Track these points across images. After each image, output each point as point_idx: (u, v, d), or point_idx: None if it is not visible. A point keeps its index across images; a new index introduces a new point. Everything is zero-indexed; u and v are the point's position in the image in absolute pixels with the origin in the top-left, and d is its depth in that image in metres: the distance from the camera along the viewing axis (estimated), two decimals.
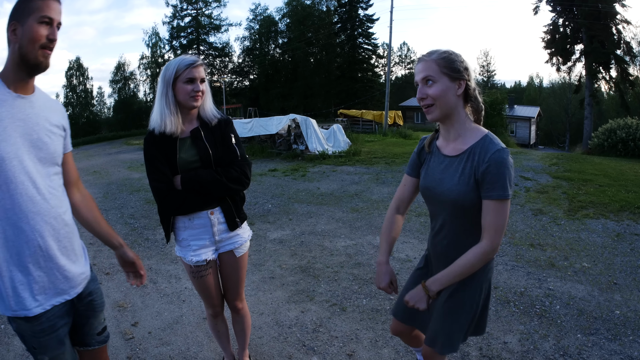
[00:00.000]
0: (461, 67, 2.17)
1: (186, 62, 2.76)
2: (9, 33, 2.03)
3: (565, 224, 7.69)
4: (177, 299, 5.17)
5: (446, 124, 2.28)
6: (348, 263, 6.06)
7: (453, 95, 2.17)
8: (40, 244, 2.06)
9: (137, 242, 7.52)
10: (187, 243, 2.95)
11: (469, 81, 2.20)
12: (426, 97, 2.18)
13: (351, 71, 60.11)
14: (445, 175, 2.24)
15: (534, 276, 5.45)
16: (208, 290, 3.13)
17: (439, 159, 2.33)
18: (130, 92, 65.85)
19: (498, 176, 2.03)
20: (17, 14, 2.02)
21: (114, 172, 17.76)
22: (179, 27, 60.24)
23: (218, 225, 2.94)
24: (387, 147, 21.63)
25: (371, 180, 12.43)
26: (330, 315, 4.61)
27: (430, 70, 2.15)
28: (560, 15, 39.47)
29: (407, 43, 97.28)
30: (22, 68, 2.05)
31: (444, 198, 2.23)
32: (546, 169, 13.57)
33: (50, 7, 2.04)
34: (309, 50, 60.55)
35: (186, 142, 2.84)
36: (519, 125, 49.37)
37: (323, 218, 8.52)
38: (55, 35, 2.07)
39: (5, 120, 1.98)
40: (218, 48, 62.48)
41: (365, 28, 60.62)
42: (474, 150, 2.15)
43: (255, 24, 63.48)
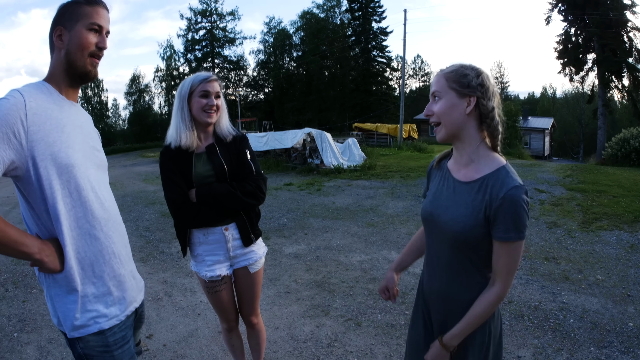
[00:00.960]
0: (473, 82, 1.91)
1: (200, 77, 2.83)
2: (55, 38, 1.97)
3: (580, 236, 7.67)
4: (192, 312, 5.18)
5: (457, 145, 2.05)
6: (363, 278, 6.05)
7: (460, 114, 1.93)
8: (114, 250, 2.04)
9: (153, 254, 7.53)
10: (202, 258, 2.97)
11: (482, 99, 1.92)
12: (432, 114, 1.99)
13: (365, 84, 60.03)
14: (453, 203, 1.99)
15: (548, 290, 5.43)
16: (223, 305, 3.13)
17: (449, 182, 2.08)
18: (145, 105, 66.23)
19: (513, 216, 1.79)
20: (63, 19, 1.96)
21: (129, 184, 17.87)
22: (194, 40, 60.51)
23: (232, 241, 2.95)
24: (402, 160, 21.63)
25: (386, 195, 12.42)
26: (345, 330, 4.60)
27: (438, 85, 1.96)
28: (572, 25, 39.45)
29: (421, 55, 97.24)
30: (70, 75, 2.00)
31: (447, 228, 1.97)
32: (560, 180, 13.55)
33: (99, 14, 2.00)
34: (324, 63, 60.55)
35: (202, 158, 2.88)
36: (533, 136, 49.11)
37: (338, 233, 8.50)
38: (105, 43, 2.03)
39: (68, 126, 1.94)
40: (233, 61, 62.66)
41: (379, 41, 60.55)
42: (488, 182, 1.89)
43: (269, 37, 63.67)
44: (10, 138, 1.71)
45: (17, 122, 1.73)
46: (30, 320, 5.14)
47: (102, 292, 1.97)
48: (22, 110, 1.74)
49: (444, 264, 2.05)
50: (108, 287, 2.00)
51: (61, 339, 4.61)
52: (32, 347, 4.53)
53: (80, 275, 1.92)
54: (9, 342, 4.65)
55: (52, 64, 2.00)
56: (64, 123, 1.91)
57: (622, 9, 35.75)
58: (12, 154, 1.72)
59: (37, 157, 1.78)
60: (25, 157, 1.77)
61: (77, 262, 1.91)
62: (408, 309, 4.97)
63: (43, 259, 1.81)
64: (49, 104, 1.88)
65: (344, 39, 60.44)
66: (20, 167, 1.78)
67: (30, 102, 1.78)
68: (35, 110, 1.79)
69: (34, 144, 1.77)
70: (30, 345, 4.56)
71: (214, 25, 60.38)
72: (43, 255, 1.81)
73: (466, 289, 1.99)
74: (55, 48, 1.98)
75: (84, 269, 1.93)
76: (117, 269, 2.04)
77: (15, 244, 1.74)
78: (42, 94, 1.89)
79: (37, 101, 1.82)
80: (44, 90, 1.92)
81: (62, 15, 1.96)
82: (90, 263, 1.94)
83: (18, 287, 6.24)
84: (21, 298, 5.83)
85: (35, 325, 5.00)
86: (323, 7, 61.69)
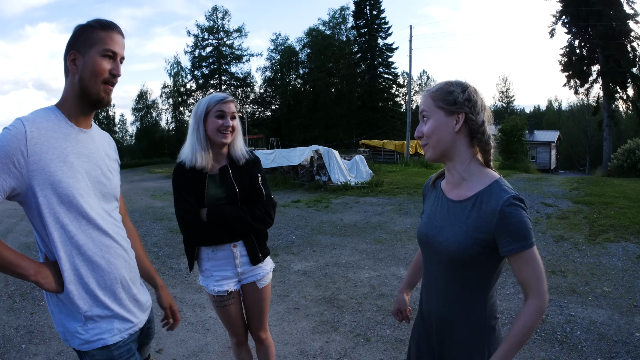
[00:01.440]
0: (459, 98, 1.86)
1: (217, 98, 2.87)
2: (68, 62, 1.96)
3: (586, 249, 7.68)
4: (202, 327, 5.19)
5: (447, 164, 2.00)
6: (372, 294, 6.04)
7: (449, 132, 1.88)
8: (117, 276, 2.05)
9: (161, 270, 7.54)
10: (210, 273, 3.01)
11: (471, 114, 1.87)
12: (422, 136, 1.95)
13: (372, 101, 60.12)
14: (447, 223, 1.94)
15: (555, 303, 5.45)
16: (231, 320, 3.16)
17: (442, 202, 2.03)
18: (152, 121, 66.67)
19: (516, 226, 1.73)
20: (77, 44, 1.95)
21: (136, 199, 17.92)
22: (201, 57, 61.11)
23: (240, 257, 2.99)
24: (409, 177, 21.62)
25: (394, 211, 12.41)
26: (354, 346, 4.61)
27: (425, 105, 1.92)
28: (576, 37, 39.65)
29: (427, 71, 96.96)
30: (83, 101, 1.99)
31: (442, 249, 1.91)
32: (567, 194, 13.61)
33: (114, 40, 1.98)
34: (330, 80, 60.85)
35: (215, 179, 2.92)
36: (539, 150, 49.06)
37: (347, 249, 8.50)
38: (119, 70, 2.02)
39: (71, 155, 1.93)
40: (240, 78, 63.19)
41: (385, 57, 60.78)
42: (482, 198, 1.84)
43: (276, 54, 64.20)
44: (10, 168, 1.76)
45: (16, 153, 1.77)
46: (38, 332, 5.17)
47: (104, 315, 2.01)
48: (22, 141, 1.78)
49: (442, 285, 2.00)
50: (111, 309, 2.02)
51: (69, 351, 4.64)
52: (40, 358, 4.56)
53: (82, 299, 1.95)
54: (17, 353, 4.69)
55: (66, 88, 2.01)
56: (68, 152, 1.92)
57: (625, 19, 36.03)
58: (12, 182, 1.78)
59: (37, 186, 1.83)
60: (26, 185, 1.82)
61: (80, 287, 1.95)
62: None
63: (39, 281, 1.87)
64: (53, 132, 1.90)
65: (350, 56, 60.79)
66: (22, 194, 1.84)
67: (32, 132, 1.81)
68: (36, 140, 1.82)
69: (35, 173, 1.81)
70: (38, 357, 4.58)
71: (221, 42, 60.96)
72: (39, 277, 1.86)
73: (465, 310, 1.94)
74: (69, 72, 1.98)
75: (87, 293, 1.97)
76: (119, 293, 2.06)
77: (11, 265, 1.81)
78: (48, 122, 1.90)
79: (40, 131, 1.84)
80: (51, 118, 1.94)
81: (77, 39, 1.96)
82: (93, 288, 1.97)
83: (26, 299, 6.28)
84: (29, 310, 5.87)
85: (43, 337, 5.03)
86: (329, 24, 62.37)
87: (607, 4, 36.03)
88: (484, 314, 1.92)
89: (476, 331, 1.92)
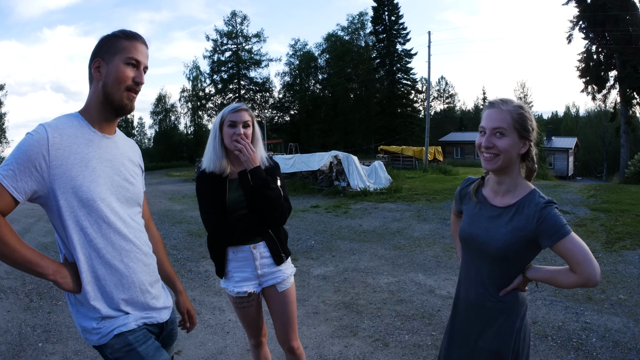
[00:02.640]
0: (531, 127, 2.14)
1: (230, 108, 2.99)
2: (93, 69, 2.02)
3: (603, 256, 7.65)
4: (221, 330, 5.21)
5: (500, 176, 2.23)
6: (391, 300, 6.03)
7: (516, 153, 2.14)
8: (135, 280, 2.08)
9: (180, 273, 7.58)
10: (231, 275, 3.05)
11: (532, 143, 2.17)
12: (492, 147, 2.13)
13: (391, 107, 59.88)
14: (492, 225, 2.21)
15: (571, 310, 5.42)
16: (250, 321, 3.18)
17: (486, 207, 2.30)
18: (171, 124, 66.88)
19: (553, 221, 2.01)
20: (102, 52, 2.01)
21: (155, 202, 18.06)
22: (220, 62, 61.43)
23: (261, 259, 3.01)
24: (427, 183, 21.60)
25: (412, 217, 12.38)
26: (373, 350, 4.61)
27: (504, 123, 2.11)
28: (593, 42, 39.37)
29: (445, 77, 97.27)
30: (106, 108, 2.04)
31: (487, 247, 2.19)
32: (584, 201, 13.60)
33: (137, 49, 2.05)
34: (349, 85, 60.78)
35: (234, 183, 2.99)
36: (557, 157, 48.77)
37: (366, 255, 8.48)
38: (142, 78, 2.07)
39: (93, 160, 1.98)
40: (258, 83, 63.43)
41: (404, 63, 60.40)
42: (522, 204, 2.14)
43: (295, 59, 64.33)
44: (32, 171, 1.82)
45: (38, 157, 1.83)
46: (55, 331, 5.23)
47: (120, 315, 2.04)
48: (44, 147, 1.84)
49: (483, 277, 2.26)
50: (126, 312, 2.06)
51: (87, 351, 4.69)
52: (57, 357, 4.61)
53: (99, 301, 1.99)
54: (33, 352, 4.74)
55: (90, 95, 2.06)
56: (90, 157, 1.97)
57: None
58: (34, 185, 1.84)
59: (58, 189, 1.88)
60: (48, 188, 1.88)
61: (97, 289, 1.99)
62: (435, 330, 5.00)
63: (57, 280, 1.92)
64: (75, 138, 1.95)
65: (369, 62, 60.72)
66: (43, 197, 1.90)
67: (54, 138, 1.87)
68: (59, 146, 1.88)
69: (56, 177, 1.87)
70: (55, 356, 4.63)
71: (240, 47, 61.24)
72: (57, 277, 1.92)
73: (502, 299, 2.21)
74: (93, 79, 2.04)
75: (103, 295, 2.00)
76: (137, 297, 2.09)
77: (30, 264, 1.86)
78: (70, 129, 1.96)
79: (62, 137, 1.90)
80: (74, 124, 1.99)
81: (101, 48, 2.02)
82: (110, 290, 2.01)
83: (43, 299, 6.36)
84: (46, 309, 5.94)
85: (60, 336, 5.09)
86: (348, 30, 62.27)
87: (623, 9, 35.77)
88: (517, 302, 2.20)
89: (510, 317, 2.20)
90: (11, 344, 4.94)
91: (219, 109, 62.07)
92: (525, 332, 2.25)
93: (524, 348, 2.24)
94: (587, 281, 1.97)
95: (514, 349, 2.19)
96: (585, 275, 1.96)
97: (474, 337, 2.28)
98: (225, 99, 62.48)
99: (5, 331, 5.28)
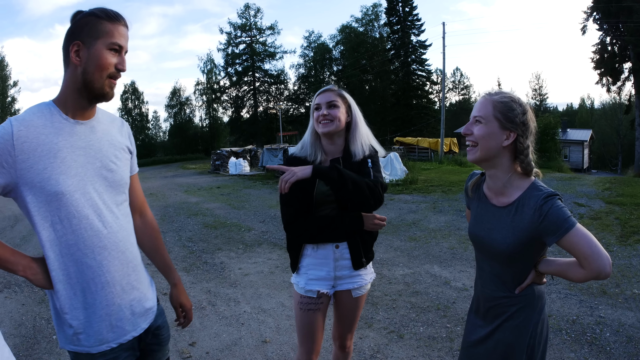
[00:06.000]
0: (518, 119, 2.04)
1: (318, 91, 2.85)
2: (71, 53, 1.86)
3: (617, 250, 7.58)
4: (236, 321, 5.22)
5: (490, 172, 2.18)
6: (406, 291, 6.02)
7: (497, 144, 2.05)
8: (108, 280, 1.94)
9: (196, 265, 7.63)
10: (305, 271, 2.84)
11: (521, 136, 2.06)
12: (470, 134, 2.11)
13: (406, 98, 59.52)
14: (494, 226, 2.16)
15: (585, 304, 5.40)
16: (310, 329, 2.90)
17: (487, 206, 2.24)
18: (186, 117, 67.39)
19: (555, 215, 1.93)
20: (82, 34, 1.86)
21: (170, 195, 18.16)
22: (234, 54, 61.30)
23: (341, 260, 2.80)
24: (443, 175, 21.55)
25: (428, 209, 12.35)
26: (387, 342, 4.61)
27: (483, 111, 2.07)
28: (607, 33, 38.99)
29: (460, 68, 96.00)
30: (84, 95, 1.91)
31: (492, 248, 2.16)
32: (599, 194, 13.51)
33: (120, 32, 1.92)
34: (364, 77, 60.62)
35: None
36: (572, 149, 48.27)
37: (381, 246, 8.45)
38: (124, 66, 1.96)
39: (64, 150, 1.86)
40: (273, 75, 63.24)
41: (419, 54, 59.96)
42: (521, 202, 2.06)
43: (309, 51, 63.97)
44: None
45: (4, 153, 1.75)
46: None
47: (92, 319, 1.94)
48: (9, 142, 1.75)
49: (496, 275, 2.22)
50: (100, 315, 1.94)
51: None
52: None
53: (71, 300, 1.90)
54: (47, 344, 4.78)
55: (66, 80, 1.93)
56: (59, 147, 1.85)
57: None
58: (1, 181, 1.77)
59: (25, 184, 1.80)
60: (15, 183, 1.79)
61: (69, 287, 1.90)
62: (450, 322, 4.99)
63: (28, 276, 1.86)
64: (44, 128, 1.84)
65: (384, 53, 60.35)
66: (13, 191, 1.82)
67: (20, 131, 1.77)
68: (24, 139, 1.78)
69: (23, 172, 1.78)
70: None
71: (254, 39, 61.06)
72: (28, 273, 1.86)
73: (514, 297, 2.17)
74: (70, 63, 1.89)
75: (75, 295, 1.91)
76: (111, 298, 1.97)
77: (1, 260, 1.81)
78: (39, 119, 1.85)
79: (28, 129, 1.80)
80: (44, 114, 1.87)
81: (81, 30, 1.87)
82: (82, 289, 1.91)
83: None
84: None
85: None
86: (362, 21, 61.87)
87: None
88: (533, 296, 2.15)
89: (526, 311, 2.16)
90: (25, 336, 4.99)
91: (233, 102, 62.57)
92: (542, 327, 2.20)
93: (540, 343, 2.20)
94: (597, 275, 1.91)
95: (529, 344, 2.16)
96: (594, 270, 1.90)
97: (491, 329, 2.26)
98: (240, 91, 62.47)
99: (20, 324, 5.33)
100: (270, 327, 5.04)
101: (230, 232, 10.41)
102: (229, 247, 8.88)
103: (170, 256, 8.11)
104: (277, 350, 4.52)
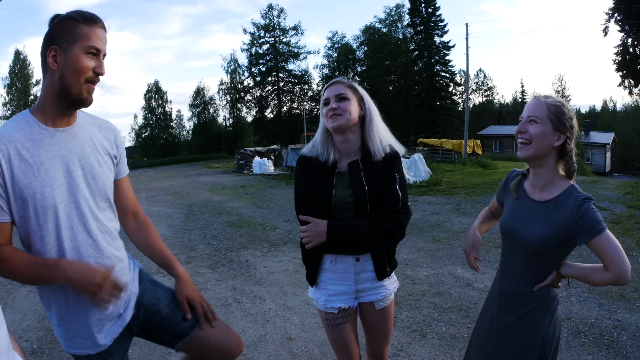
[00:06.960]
0: (567, 122, 2.16)
1: (327, 84, 2.61)
2: (49, 59, 1.83)
3: (637, 254, 7.49)
4: (262, 318, 5.29)
5: (536, 168, 2.28)
6: (429, 292, 6.05)
7: (549, 143, 2.17)
8: None
9: (221, 262, 7.74)
10: (324, 286, 2.62)
11: (569, 139, 2.19)
12: (525, 132, 2.20)
13: (429, 99, 59.12)
14: (530, 219, 2.25)
15: (604, 307, 5.37)
16: (342, 342, 2.68)
17: (525, 201, 2.34)
18: (209, 117, 67.71)
19: (590, 218, 2.04)
20: (58, 38, 1.82)
21: (195, 193, 18.34)
22: (258, 54, 61.50)
23: (362, 273, 2.58)
24: (466, 176, 21.42)
25: (452, 211, 12.31)
26: (410, 341, 4.64)
27: (539, 112, 2.18)
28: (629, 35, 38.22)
29: (483, 69, 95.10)
30: (62, 102, 1.87)
31: (524, 242, 2.24)
32: (621, 198, 13.38)
33: (97, 35, 1.87)
34: (387, 78, 60.41)
35: (344, 178, 2.54)
36: (595, 152, 47.75)
37: (405, 247, 8.47)
38: (103, 69, 1.91)
39: (46, 162, 1.84)
40: (297, 75, 63.36)
41: (442, 55, 59.54)
42: (561, 200, 2.17)
43: (333, 51, 63.90)
44: None
45: None
46: None
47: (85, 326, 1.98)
48: None
49: (520, 270, 2.31)
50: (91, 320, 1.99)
51: None
52: None
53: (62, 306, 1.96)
54: None
55: (44, 87, 1.89)
56: (42, 160, 1.83)
57: None
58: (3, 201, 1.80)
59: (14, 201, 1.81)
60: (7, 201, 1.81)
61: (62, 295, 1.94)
62: (472, 322, 5.00)
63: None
64: (25, 141, 1.82)
65: (407, 54, 60.01)
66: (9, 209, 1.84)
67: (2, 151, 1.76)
68: (7, 157, 1.77)
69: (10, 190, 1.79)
70: None
71: (277, 39, 61.19)
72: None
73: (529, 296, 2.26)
74: (48, 69, 1.85)
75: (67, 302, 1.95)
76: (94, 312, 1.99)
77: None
78: (18, 133, 1.83)
79: (8, 146, 1.78)
80: (22, 127, 1.85)
81: (58, 34, 1.83)
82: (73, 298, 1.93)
83: None
84: None
85: None
86: (385, 22, 61.63)
87: None
88: (548, 298, 2.24)
89: (540, 312, 2.25)
90: (49, 329, 5.10)
91: (257, 102, 62.76)
92: (554, 327, 2.29)
93: (552, 342, 2.28)
94: (619, 279, 2.00)
95: (541, 343, 2.24)
96: (617, 273, 1.99)
97: (504, 326, 2.35)
98: (264, 91, 62.79)
99: (43, 317, 5.45)
100: (295, 324, 5.09)
101: (255, 230, 10.49)
102: (254, 246, 8.95)
103: (195, 254, 8.38)
104: (302, 347, 4.57)
